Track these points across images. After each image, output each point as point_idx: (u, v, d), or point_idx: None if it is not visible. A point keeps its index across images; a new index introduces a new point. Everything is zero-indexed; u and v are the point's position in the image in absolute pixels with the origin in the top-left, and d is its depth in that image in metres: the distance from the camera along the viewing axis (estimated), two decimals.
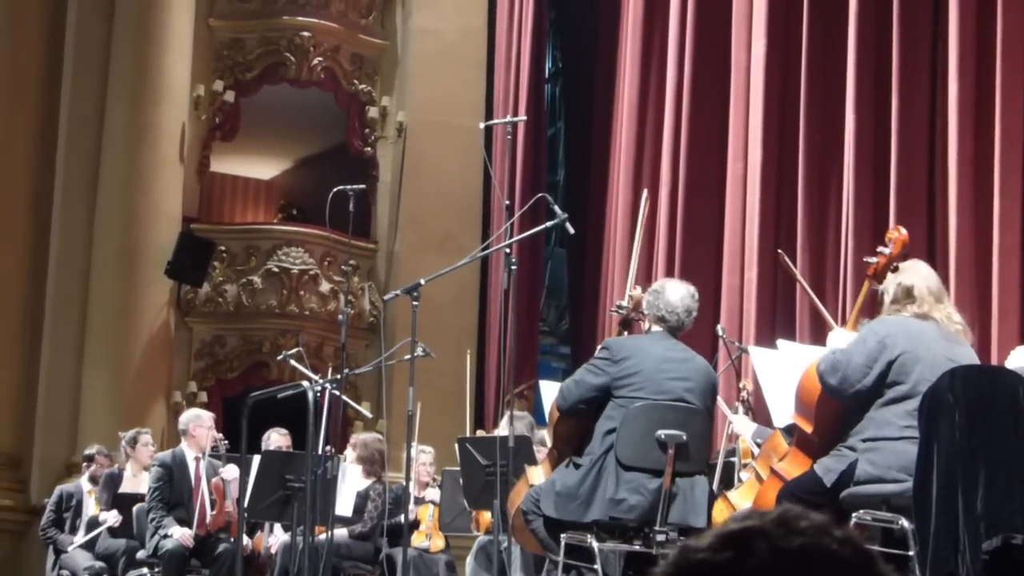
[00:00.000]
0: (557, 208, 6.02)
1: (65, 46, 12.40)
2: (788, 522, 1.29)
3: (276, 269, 12.53)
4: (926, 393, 4.36)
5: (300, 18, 12.79)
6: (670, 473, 5.16)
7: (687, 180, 10.19)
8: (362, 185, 7.85)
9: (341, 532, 8.03)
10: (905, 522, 4.42)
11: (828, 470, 4.66)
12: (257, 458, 7.63)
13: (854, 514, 4.57)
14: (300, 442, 7.87)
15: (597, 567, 5.14)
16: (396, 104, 13.12)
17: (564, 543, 5.20)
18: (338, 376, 7.49)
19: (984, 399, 4.27)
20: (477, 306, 12.71)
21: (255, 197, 16.47)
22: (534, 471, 5.63)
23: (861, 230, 8.38)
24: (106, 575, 9.03)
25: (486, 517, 7.45)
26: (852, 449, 4.64)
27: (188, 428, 8.68)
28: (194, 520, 8.35)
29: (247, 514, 7.71)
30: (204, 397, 12.31)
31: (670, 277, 7.75)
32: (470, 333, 12.34)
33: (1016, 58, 7.72)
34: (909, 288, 4.76)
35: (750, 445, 6.43)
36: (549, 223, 6.21)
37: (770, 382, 5.85)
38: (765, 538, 1.28)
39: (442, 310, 11.33)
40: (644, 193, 7.22)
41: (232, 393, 12.16)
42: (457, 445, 7.06)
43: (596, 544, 5.15)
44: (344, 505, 7.72)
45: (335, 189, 7.40)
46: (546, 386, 7.88)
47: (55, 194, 12.27)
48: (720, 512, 5.62)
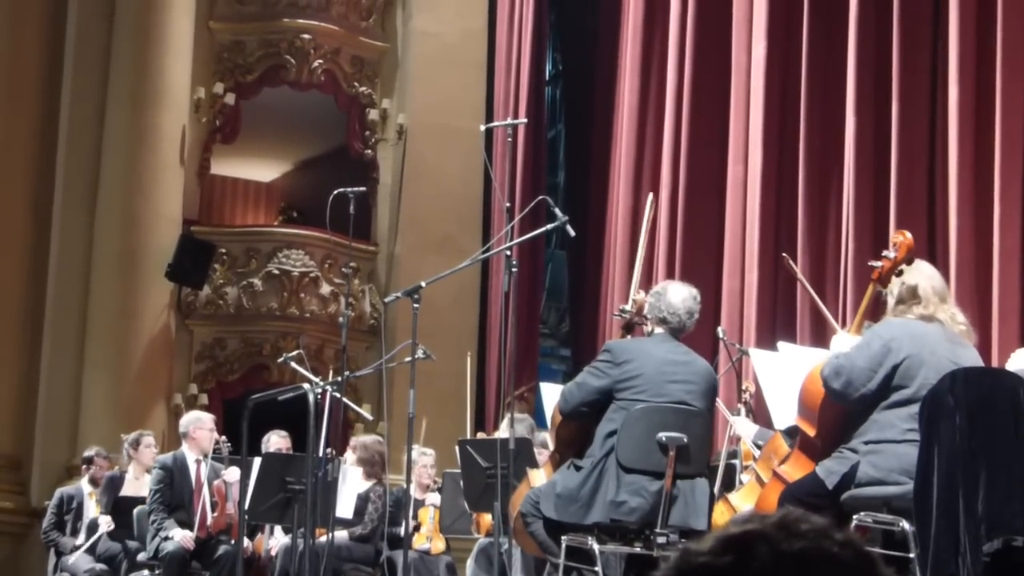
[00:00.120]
0: (558, 210, 6.02)
1: (65, 48, 12.40)
2: (789, 525, 1.30)
3: (276, 271, 12.52)
4: (927, 395, 4.36)
5: (300, 20, 12.78)
6: (671, 475, 5.16)
7: (687, 182, 10.18)
8: (362, 187, 7.84)
9: (342, 534, 8.03)
10: (906, 524, 4.41)
11: (830, 472, 4.65)
12: (258, 460, 7.63)
13: (855, 516, 4.57)
14: (300, 444, 7.86)
15: (598, 569, 5.14)
16: (396, 106, 13.11)
17: (565, 545, 5.20)
18: (339, 378, 7.50)
19: (985, 401, 4.27)
20: (478, 308, 12.70)
21: (255, 199, 16.47)
22: (536, 474, 5.63)
23: (861, 232, 8.38)
24: None
25: (487, 519, 7.45)
26: (854, 451, 4.64)
27: (189, 431, 8.68)
28: (195, 522, 8.36)
29: (247, 516, 7.70)
30: (204, 399, 12.29)
31: (671, 279, 7.74)
32: (470, 335, 12.33)
33: (1016, 60, 7.73)
34: (914, 288, 4.75)
35: (751, 447, 6.43)
36: (550, 225, 6.20)
37: (771, 384, 5.85)
38: (766, 541, 1.28)
39: (443, 312, 11.32)
40: (650, 197, 7.22)
41: (232, 395, 12.14)
42: (458, 447, 7.06)
43: (597, 546, 5.15)
44: (344, 507, 7.72)
45: (335, 191, 7.41)
46: (546, 388, 7.87)
47: (55, 196, 12.26)
48: (721, 514, 5.62)
